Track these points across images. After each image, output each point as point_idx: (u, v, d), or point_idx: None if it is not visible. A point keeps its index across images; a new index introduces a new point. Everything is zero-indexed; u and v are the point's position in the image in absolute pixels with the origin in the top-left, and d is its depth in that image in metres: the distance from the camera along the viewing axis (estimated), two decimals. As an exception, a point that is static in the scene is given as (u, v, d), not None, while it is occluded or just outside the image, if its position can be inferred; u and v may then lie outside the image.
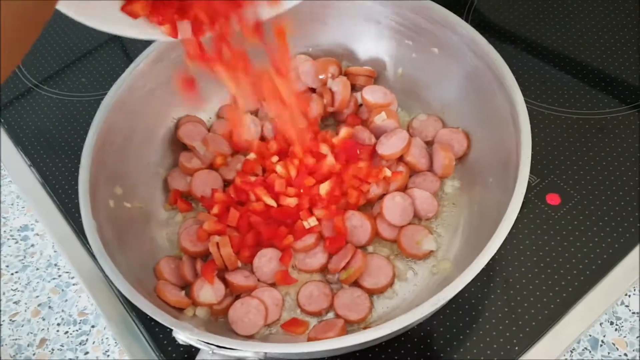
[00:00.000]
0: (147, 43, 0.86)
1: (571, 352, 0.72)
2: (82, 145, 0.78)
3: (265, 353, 0.63)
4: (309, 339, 0.75)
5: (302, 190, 0.82)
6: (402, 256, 0.82)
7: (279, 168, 0.83)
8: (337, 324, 0.75)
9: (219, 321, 0.78)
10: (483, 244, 0.69)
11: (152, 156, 0.91)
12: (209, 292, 0.77)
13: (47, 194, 0.98)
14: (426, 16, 0.86)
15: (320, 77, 0.95)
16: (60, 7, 0.52)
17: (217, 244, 0.79)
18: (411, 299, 0.78)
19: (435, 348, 0.77)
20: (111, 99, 0.83)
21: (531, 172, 0.70)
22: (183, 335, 0.64)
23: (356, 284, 0.79)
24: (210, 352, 0.64)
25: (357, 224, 0.82)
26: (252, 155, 0.89)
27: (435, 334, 0.77)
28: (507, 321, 0.77)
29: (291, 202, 0.80)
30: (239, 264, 0.81)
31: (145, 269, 0.80)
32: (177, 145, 0.94)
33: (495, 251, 0.64)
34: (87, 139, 0.79)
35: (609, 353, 0.72)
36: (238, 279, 0.79)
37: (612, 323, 0.74)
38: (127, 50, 1.16)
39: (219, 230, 0.81)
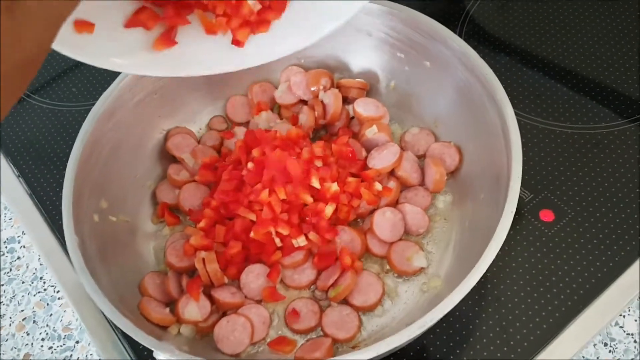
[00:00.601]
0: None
1: (564, 374, 0.70)
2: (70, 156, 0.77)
3: (249, 375, 0.61)
4: (296, 359, 0.73)
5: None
6: (392, 273, 0.80)
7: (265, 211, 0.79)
8: (324, 343, 0.73)
9: (204, 339, 0.77)
10: (474, 261, 0.67)
11: (140, 168, 0.89)
12: (194, 309, 0.76)
13: (34, 205, 0.97)
14: (417, 29, 0.85)
15: (312, 88, 0.93)
16: (55, 46, 0.52)
17: (203, 259, 0.78)
18: (401, 317, 0.76)
19: (425, 368, 0.75)
20: (99, 110, 0.81)
21: (524, 187, 0.69)
22: (163, 357, 0.62)
23: (345, 301, 0.78)
24: (193, 374, 0.62)
25: (347, 240, 0.81)
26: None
27: (425, 354, 0.76)
28: (498, 341, 0.75)
29: (282, 231, 0.78)
30: (226, 280, 0.79)
31: (129, 284, 0.78)
32: (166, 157, 0.92)
33: (484, 270, 0.63)
34: (73, 152, 0.78)
35: None
36: (224, 295, 0.78)
37: (606, 344, 0.73)
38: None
39: (206, 246, 0.80)
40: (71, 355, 0.81)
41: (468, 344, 0.75)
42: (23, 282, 0.89)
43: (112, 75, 1.01)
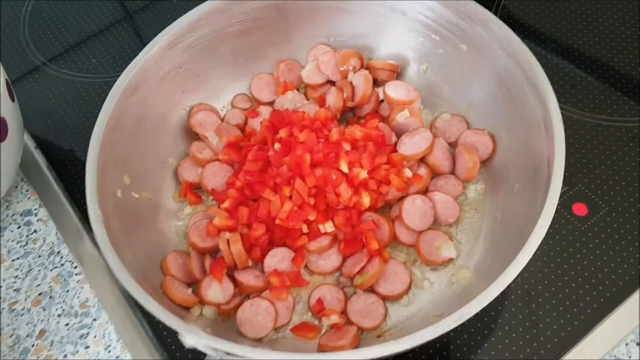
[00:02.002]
0: (159, 25, 0.82)
1: (594, 372, 0.69)
2: (90, 129, 0.74)
3: (276, 361, 0.60)
4: (320, 346, 0.72)
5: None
6: (419, 262, 0.79)
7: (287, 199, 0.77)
8: (349, 331, 0.72)
9: (225, 322, 0.75)
10: (507, 255, 0.65)
11: (163, 145, 0.87)
12: (217, 291, 0.74)
13: (52, 177, 0.95)
14: (456, 10, 0.82)
15: (341, 69, 0.90)
16: None
17: (228, 240, 0.76)
18: (427, 308, 0.75)
19: (450, 360, 0.74)
20: (123, 83, 0.79)
21: (558, 179, 0.66)
22: (190, 339, 0.61)
23: (371, 289, 0.76)
24: (218, 358, 0.61)
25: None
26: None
27: (451, 346, 0.74)
28: (527, 336, 0.73)
29: (309, 217, 0.76)
30: (250, 262, 0.77)
31: (151, 262, 0.76)
32: (189, 135, 0.90)
33: (523, 266, 0.61)
34: (97, 125, 0.75)
35: None
36: (248, 278, 0.76)
37: (638, 344, 0.71)
38: (138, 30, 1.12)
39: (230, 227, 0.78)
40: (88, 333, 0.80)
41: (496, 339, 0.74)
42: (39, 256, 0.87)
43: (134, 48, 0.99)
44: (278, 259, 0.77)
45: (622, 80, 0.93)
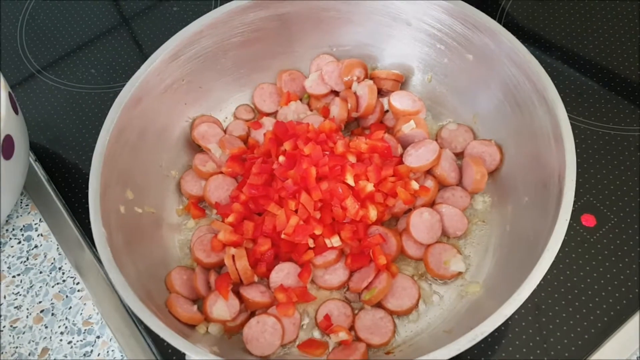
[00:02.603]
0: (157, 32, 0.81)
1: (607, 389, 0.68)
2: (90, 141, 0.74)
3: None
4: (328, 363, 0.71)
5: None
6: (427, 276, 0.77)
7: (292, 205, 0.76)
8: (358, 348, 0.70)
9: (232, 339, 0.74)
10: (517, 270, 0.65)
11: (165, 157, 0.86)
12: (222, 307, 0.73)
13: (52, 191, 0.93)
14: (462, 20, 0.81)
15: (345, 79, 0.89)
16: None
17: (233, 256, 0.75)
18: (437, 323, 0.74)
19: (460, 376, 0.72)
20: (125, 96, 0.77)
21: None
22: (197, 358, 0.60)
23: (379, 304, 0.75)
24: (226, 378, 0.59)
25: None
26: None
27: (461, 362, 0.73)
28: (538, 351, 0.72)
29: (315, 232, 0.75)
30: (255, 278, 0.76)
31: (155, 278, 0.75)
32: (192, 147, 0.89)
33: (537, 284, 0.59)
34: (99, 140, 0.74)
35: None
36: (254, 294, 0.75)
37: (651, 358, 0.70)
38: (136, 37, 1.10)
39: (235, 242, 0.77)
40: (92, 351, 0.79)
41: (506, 354, 0.73)
42: (41, 272, 0.86)
43: (133, 58, 0.98)
44: (284, 274, 0.76)
45: (628, 88, 0.93)
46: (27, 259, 0.87)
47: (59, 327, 0.81)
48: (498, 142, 0.83)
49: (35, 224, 0.90)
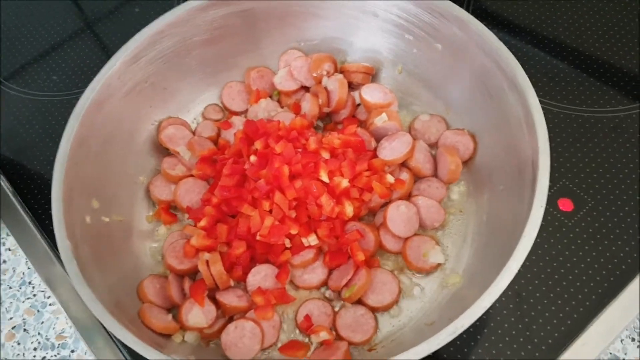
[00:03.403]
0: (121, 36, 0.78)
1: (592, 372, 0.67)
2: (54, 150, 0.70)
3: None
4: (310, 365, 0.69)
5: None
6: (407, 270, 0.76)
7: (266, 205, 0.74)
8: (340, 347, 0.69)
9: (210, 346, 0.72)
10: (496, 258, 0.64)
11: (132, 163, 0.83)
12: (199, 314, 0.71)
13: (18, 204, 0.90)
14: (428, 9, 0.79)
15: (314, 74, 0.88)
16: None
17: (207, 261, 0.73)
18: (419, 317, 0.72)
19: (445, 369, 0.71)
20: (85, 102, 0.74)
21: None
22: (172, 371, 0.58)
23: (359, 301, 0.73)
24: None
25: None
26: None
27: (445, 355, 0.72)
28: (521, 339, 0.72)
29: (291, 231, 0.74)
30: (232, 282, 0.74)
31: (127, 289, 0.73)
32: (160, 150, 0.86)
33: (515, 273, 0.58)
34: (60, 150, 0.71)
35: None
36: (230, 299, 0.73)
37: (633, 339, 0.70)
38: (100, 42, 1.07)
39: (209, 246, 0.75)
40: (66, 366, 0.76)
41: (489, 343, 0.72)
42: (10, 288, 0.83)
43: (96, 62, 0.95)
44: (261, 276, 0.74)
45: (600, 69, 0.92)
46: (-5, 275, 0.84)
47: (32, 342, 0.78)
48: (471, 131, 0.82)
49: (2, 239, 0.87)
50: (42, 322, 0.80)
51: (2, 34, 1.10)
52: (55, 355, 0.77)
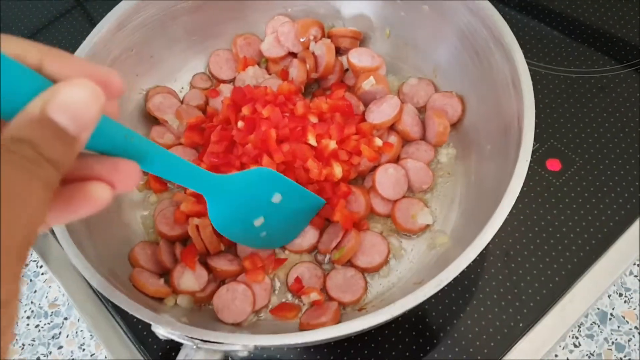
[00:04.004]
0: (110, 9, 0.78)
1: (579, 327, 0.69)
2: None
3: (255, 346, 0.58)
4: (301, 325, 0.70)
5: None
6: (396, 231, 0.77)
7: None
8: (330, 307, 0.70)
9: (203, 309, 0.73)
10: (483, 217, 0.64)
11: (121, 133, 0.83)
12: (190, 279, 0.71)
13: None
14: (415, -31, 0.79)
15: (302, 39, 0.87)
16: None
17: (197, 226, 0.73)
18: (408, 277, 0.73)
19: (434, 327, 0.73)
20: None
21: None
22: (164, 330, 0.58)
23: (349, 263, 0.74)
24: (194, 347, 0.58)
25: (351, 200, 0.77)
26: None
27: (433, 313, 0.73)
28: (509, 297, 0.73)
29: None
30: (222, 247, 0.75)
31: (119, 257, 0.73)
32: (148, 120, 0.86)
33: (499, 227, 0.59)
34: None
35: (619, 327, 0.69)
36: (221, 263, 0.73)
37: (620, 295, 0.71)
38: (91, 18, 1.06)
39: (198, 212, 0.75)
40: (60, 333, 0.77)
41: (477, 302, 0.73)
42: (2, 259, 0.83)
43: (83, 34, 0.94)
44: (251, 240, 0.75)
45: (587, 31, 0.92)
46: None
47: (25, 311, 0.79)
48: (459, 93, 0.82)
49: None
50: (35, 291, 0.81)
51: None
52: (49, 323, 0.78)
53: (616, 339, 0.68)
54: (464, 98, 0.81)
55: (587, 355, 0.68)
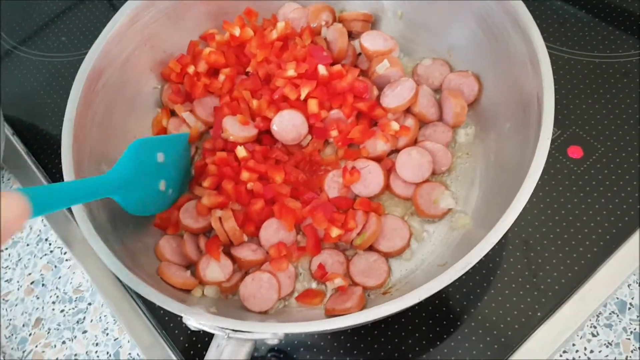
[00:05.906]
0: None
1: (597, 316, 0.69)
2: (65, 111, 0.71)
3: (285, 333, 0.59)
4: (327, 311, 0.71)
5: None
6: (417, 214, 0.77)
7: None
8: (355, 292, 0.71)
9: (229, 299, 0.74)
10: (504, 198, 0.64)
11: (138, 127, 0.84)
12: (216, 269, 0.73)
13: (32, 163, 0.92)
14: (427, -52, 0.77)
15: (313, 25, 0.86)
16: None
17: (220, 218, 0.74)
18: (430, 259, 0.74)
19: (451, 315, 0.73)
20: (86, 69, 0.75)
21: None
22: (195, 322, 0.60)
23: (371, 248, 0.75)
24: (226, 336, 0.60)
25: (366, 171, 0.77)
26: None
27: (451, 301, 0.74)
28: (527, 285, 0.73)
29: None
30: (245, 237, 0.76)
31: (145, 250, 0.74)
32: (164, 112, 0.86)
33: (521, 209, 0.59)
34: (66, 117, 0.71)
35: (638, 316, 0.69)
36: (245, 253, 0.74)
37: (640, 284, 0.71)
38: (112, 1, 1.06)
39: (220, 204, 0.76)
40: (84, 318, 0.80)
41: (496, 291, 0.73)
42: (28, 245, 0.86)
43: (102, 22, 0.95)
44: (273, 230, 0.76)
45: (612, 13, 0.89)
46: (13, 232, 0.87)
47: (50, 297, 0.82)
48: (475, 72, 0.81)
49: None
50: (60, 277, 0.83)
51: (19, 4, 1.10)
52: (73, 308, 0.81)
53: (635, 329, 0.68)
54: (481, 77, 0.80)
55: (605, 344, 0.68)
